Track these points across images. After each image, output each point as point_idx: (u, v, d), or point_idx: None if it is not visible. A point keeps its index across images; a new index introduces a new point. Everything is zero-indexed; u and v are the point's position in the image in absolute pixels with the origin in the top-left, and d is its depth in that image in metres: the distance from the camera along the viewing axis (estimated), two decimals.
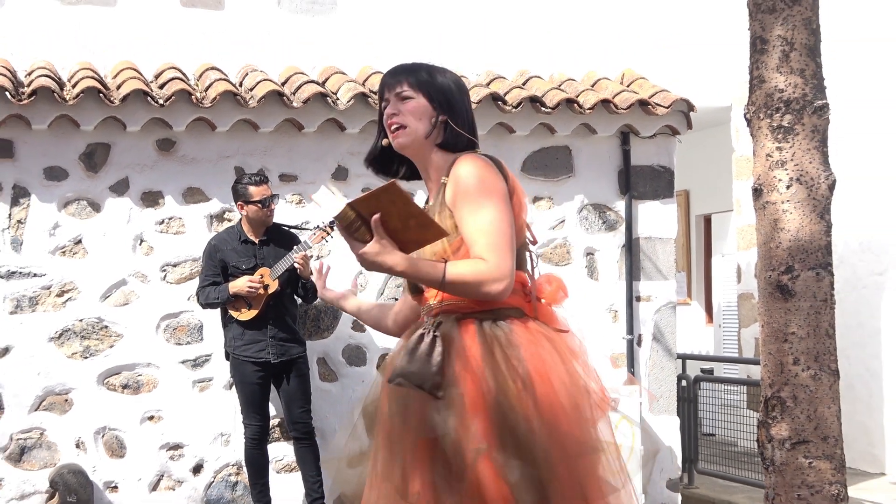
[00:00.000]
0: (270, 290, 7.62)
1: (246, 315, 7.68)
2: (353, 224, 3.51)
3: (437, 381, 3.53)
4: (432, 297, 3.73)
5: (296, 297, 7.93)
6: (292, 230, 7.97)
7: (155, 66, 8.44)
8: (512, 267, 3.56)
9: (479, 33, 8.65)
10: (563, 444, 3.55)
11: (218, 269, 7.73)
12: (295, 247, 7.67)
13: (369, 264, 3.54)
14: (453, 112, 3.77)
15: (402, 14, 8.77)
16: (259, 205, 7.65)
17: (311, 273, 7.46)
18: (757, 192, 4.19)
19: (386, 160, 3.88)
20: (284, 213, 8.12)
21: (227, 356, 7.93)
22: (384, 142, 3.80)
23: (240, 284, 7.58)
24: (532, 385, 3.52)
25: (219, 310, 7.90)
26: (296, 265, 7.56)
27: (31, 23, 8.36)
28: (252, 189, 7.66)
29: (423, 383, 3.53)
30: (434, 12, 8.74)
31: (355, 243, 3.52)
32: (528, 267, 3.79)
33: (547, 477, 3.51)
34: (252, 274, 7.67)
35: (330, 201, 3.69)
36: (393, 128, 3.74)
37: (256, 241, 7.83)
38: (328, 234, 7.60)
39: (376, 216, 3.48)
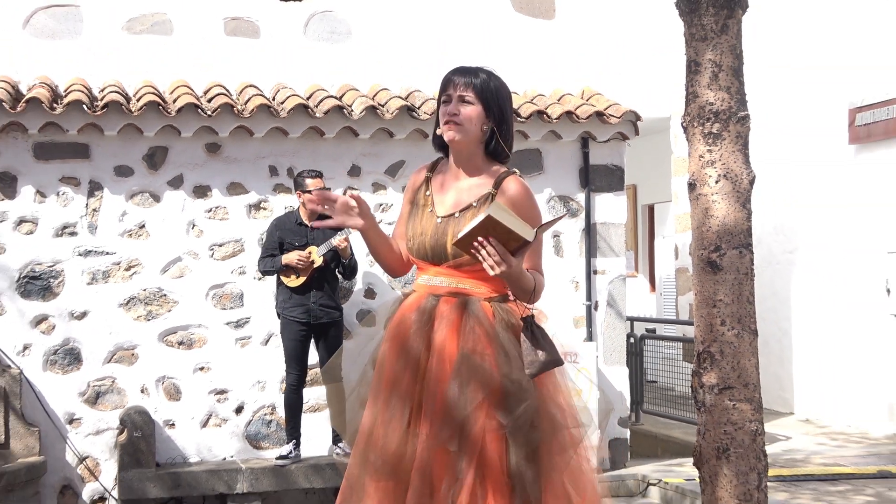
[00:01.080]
0: (316, 265, 7.71)
1: (294, 282, 7.78)
2: (471, 244, 3.33)
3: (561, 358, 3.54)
4: (442, 275, 3.62)
5: (338, 273, 8.01)
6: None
7: (204, 84, 8.44)
8: None
9: (469, 56, 8.59)
10: (549, 410, 3.57)
11: (276, 244, 7.81)
12: (338, 232, 7.56)
13: (508, 277, 3.41)
14: (503, 123, 3.70)
15: (406, 41, 8.76)
16: (302, 197, 7.78)
17: (351, 255, 7.72)
18: (691, 186, 4.10)
19: (442, 142, 3.71)
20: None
21: (279, 316, 7.98)
22: (438, 131, 3.68)
23: (291, 257, 7.70)
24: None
25: (274, 277, 7.97)
26: (337, 247, 7.67)
27: (104, 49, 8.37)
28: (308, 181, 7.74)
29: (555, 361, 3.51)
30: (433, 40, 8.74)
31: (510, 258, 3.34)
32: None
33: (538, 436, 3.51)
34: (302, 250, 7.74)
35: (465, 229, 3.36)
36: (450, 120, 3.62)
37: (309, 224, 7.80)
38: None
39: (490, 236, 3.31)
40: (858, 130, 10.38)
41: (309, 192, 7.62)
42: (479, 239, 3.27)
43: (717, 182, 4.01)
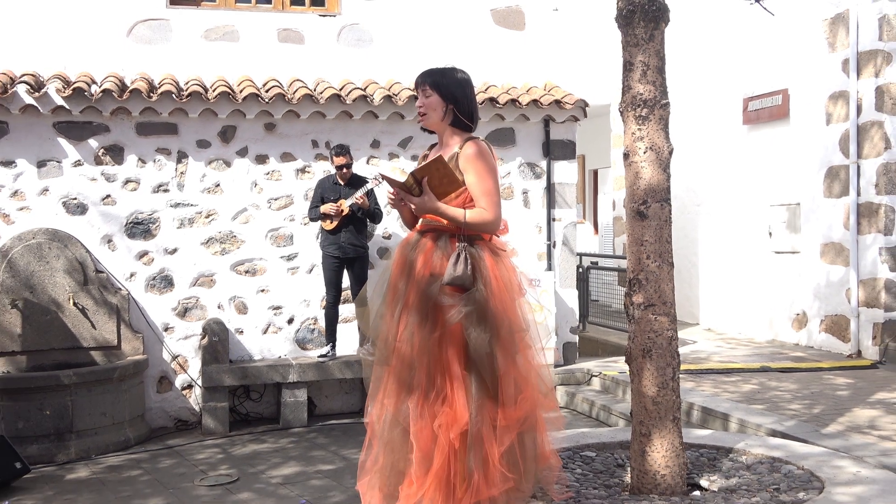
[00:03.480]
0: (344, 213, 7.69)
1: (329, 226, 7.77)
2: (412, 186, 3.62)
3: (471, 279, 3.55)
4: (426, 218, 3.72)
5: (368, 219, 7.93)
6: (362, 178, 7.87)
7: (263, 78, 8.43)
8: (500, 216, 3.67)
9: (461, 58, 8.72)
10: (504, 317, 3.61)
11: (319, 198, 7.81)
12: (359, 189, 7.63)
13: (421, 209, 3.64)
14: (457, 103, 3.76)
15: (414, 46, 8.69)
16: (334, 165, 7.80)
17: (371, 206, 7.70)
18: (625, 156, 4.11)
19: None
20: (357, 167, 8.02)
21: (320, 251, 8.00)
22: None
23: (327, 207, 7.70)
24: (489, 282, 3.61)
25: (317, 222, 7.92)
26: (357, 201, 7.63)
27: (188, 52, 8.34)
28: (334, 157, 7.77)
29: (464, 282, 3.53)
30: (434, 45, 8.66)
31: (412, 197, 3.62)
32: None
33: (494, 335, 3.57)
34: (335, 202, 7.76)
35: (396, 175, 3.71)
36: (420, 113, 3.81)
37: (342, 183, 7.80)
38: (377, 183, 7.57)
39: (425, 179, 3.61)
40: (750, 114, 10.42)
41: (335, 165, 7.80)
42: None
43: (644, 153, 4.07)
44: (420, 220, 3.83)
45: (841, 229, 9.04)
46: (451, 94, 3.76)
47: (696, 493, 4.04)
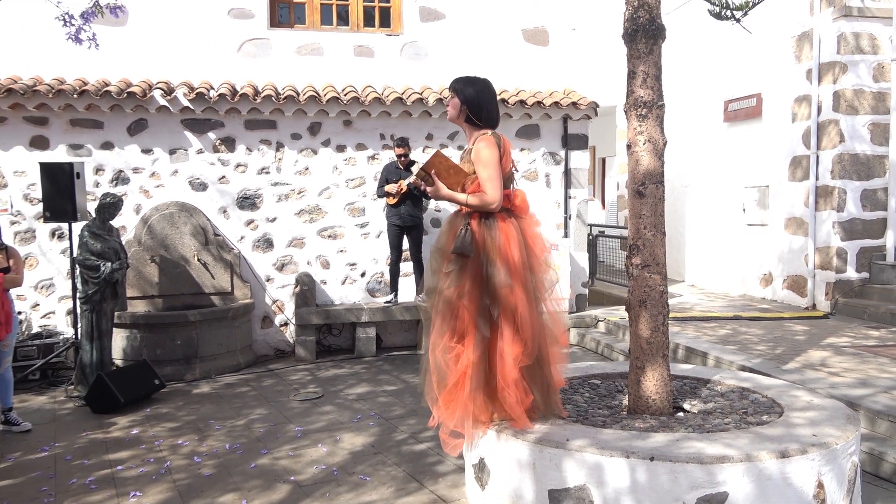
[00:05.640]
0: (403, 191, 7.63)
1: (392, 201, 7.73)
2: (426, 177, 3.64)
3: (471, 248, 3.55)
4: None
5: (422, 196, 7.77)
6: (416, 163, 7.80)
7: (342, 84, 8.34)
8: (501, 197, 3.58)
9: (498, 69, 8.47)
10: (509, 280, 3.52)
11: (384, 180, 7.75)
12: (413, 173, 7.56)
13: (434, 196, 3.68)
14: (472, 105, 3.69)
15: (461, 59, 8.56)
16: (396, 153, 7.77)
17: (417, 185, 7.54)
18: (628, 147, 4.03)
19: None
20: (414, 155, 7.86)
21: (386, 220, 7.96)
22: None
23: (390, 187, 7.65)
24: (498, 249, 3.55)
25: (383, 199, 7.87)
26: (413, 181, 7.47)
27: (284, 64, 8.27)
28: (396, 147, 7.75)
29: (465, 251, 3.54)
30: (476, 58, 8.55)
31: (426, 187, 3.67)
32: (511, 185, 3.76)
33: (493, 294, 3.54)
34: (397, 183, 7.68)
35: (415, 169, 3.85)
36: (448, 110, 3.77)
37: (402, 168, 7.73)
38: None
39: (433, 170, 3.62)
40: (729, 114, 10.19)
41: (397, 153, 7.72)
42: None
43: (643, 144, 4.00)
44: None
45: (802, 207, 8.83)
46: (465, 97, 3.70)
47: (680, 413, 4.00)
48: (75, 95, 7.39)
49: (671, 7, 10.33)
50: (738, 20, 5.17)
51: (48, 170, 6.44)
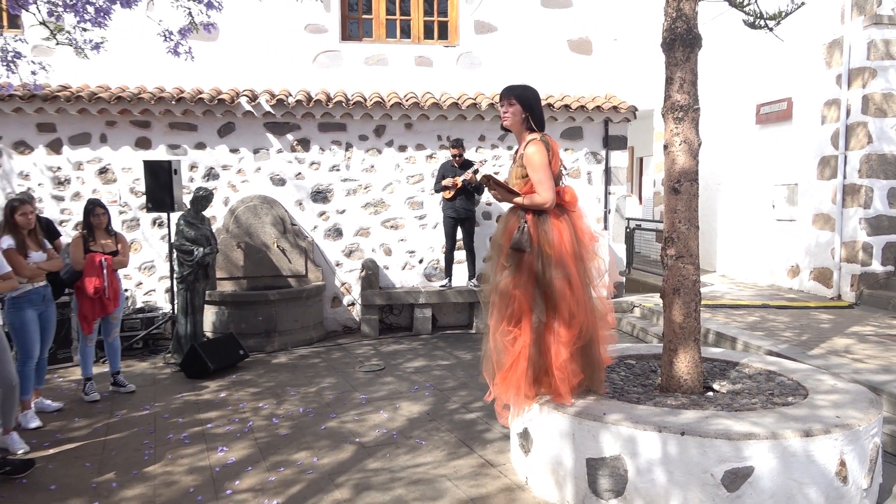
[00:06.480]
0: (458, 187, 7.60)
1: (447, 196, 7.68)
2: (489, 183, 3.58)
3: (528, 244, 3.51)
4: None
5: (475, 192, 7.73)
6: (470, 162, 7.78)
7: (404, 91, 8.35)
8: (553, 197, 3.52)
9: (546, 77, 8.36)
10: (562, 271, 3.49)
11: (441, 176, 7.71)
12: (466, 171, 7.57)
13: (499, 199, 3.63)
14: (532, 111, 3.66)
15: (513, 68, 8.46)
16: (451, 153, 7.71)
17: (475, 181, 7.54)
18: (665, 147, 3.95)
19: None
20: (468, 154, 7.89)
21: (443, 213, 7.89)
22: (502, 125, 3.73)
23: (447, 182, 7.62)
24: (552, 243, 3.51)
25: (440, 193, 7.81)
26: (467, 178, 7.52)
27: (353, 73, 8.25)
28: (451, 148, 7.69)
29: (522, 247, 3.50)
30: (527, 67, 8.44)
31: (492, 191, 3.61)
32: (560, 182, 3.69)
33: (548, 284, 3.48)
34: (452, 179, 7.62)
35: (473, 170, 3.72)
36: (504, 117, 3.67)
37: (457, 166, 7.66)
38: (482, 164, 7.62)
39: (490, 180, 3.56)
40: (761, 116, 9.83)
41: (453, 152, 7.66)
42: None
43: (679, 145, 3.92)
44: None
45: (829, 203, 8.51)
46: (528, 104, 3.66)
47: (710, 393, 3.92)
48: (173, 102, 7.60)
49: (707, 17, 10.02)
50: (771, 29, 4.99)
51: (150, 167, 6.65)
